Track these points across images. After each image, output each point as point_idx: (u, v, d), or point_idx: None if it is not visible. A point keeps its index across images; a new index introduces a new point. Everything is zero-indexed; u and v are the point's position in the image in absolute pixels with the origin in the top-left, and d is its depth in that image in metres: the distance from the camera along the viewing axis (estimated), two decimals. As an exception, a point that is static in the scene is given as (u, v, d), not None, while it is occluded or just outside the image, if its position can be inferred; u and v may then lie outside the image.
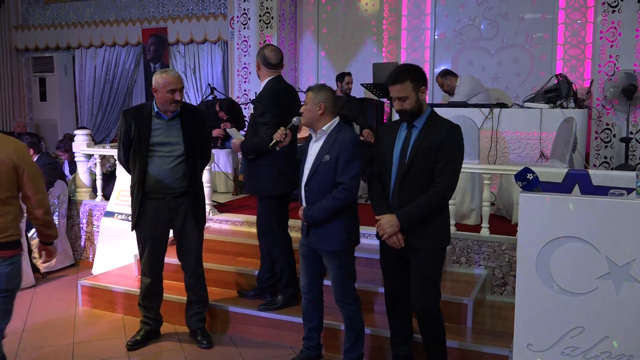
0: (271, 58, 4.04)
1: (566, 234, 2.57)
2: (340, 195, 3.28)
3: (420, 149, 3.07)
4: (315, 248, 3.45)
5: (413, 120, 3.13)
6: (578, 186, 2.89)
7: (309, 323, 3.65)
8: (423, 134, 3.09)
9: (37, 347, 4.03)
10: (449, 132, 3.07)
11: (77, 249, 6.05)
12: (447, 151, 3.03)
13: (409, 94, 3.06)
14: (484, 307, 4.21)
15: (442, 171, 3.04)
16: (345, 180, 3.26)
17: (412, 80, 3.06)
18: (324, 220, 3.33)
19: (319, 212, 3.32)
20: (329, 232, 3.36)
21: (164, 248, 4.01)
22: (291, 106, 3.99)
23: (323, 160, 3.34)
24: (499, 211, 5.16)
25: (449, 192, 3.11)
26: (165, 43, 8.81)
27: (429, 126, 3.10)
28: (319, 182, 3.35)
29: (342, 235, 3.35)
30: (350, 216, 3.38)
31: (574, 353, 2.59)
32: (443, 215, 3.19)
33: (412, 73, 3.09)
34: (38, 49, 9.77)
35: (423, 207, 3.06)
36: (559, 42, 7.01)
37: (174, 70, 3.89)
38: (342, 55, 8.12)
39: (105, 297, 4.65)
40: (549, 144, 5.36)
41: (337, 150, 3.29)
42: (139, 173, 3.81)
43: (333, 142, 3.33)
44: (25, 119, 9.82)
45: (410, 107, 3.08)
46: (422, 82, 3.11)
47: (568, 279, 2.58)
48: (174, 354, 3.91)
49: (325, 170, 3.32)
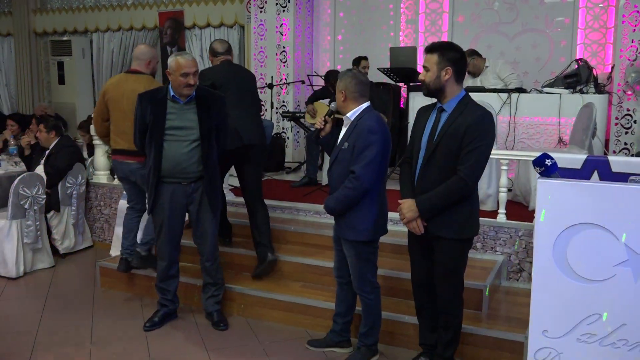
0: (218, 48, 4.56)
1: (584, 220, 2.54)
2: (350, 185, 3.24)
3: (446, 135, 3.00)
4: (339, 235, 3.46)
5: (440, 98, 3.07)
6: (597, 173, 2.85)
7: (337, 307, 3.67)
8: (451, 118, 3.03)
9: (57, 326, 4.10)
10: (475, 118, 2.96)
11: (96, 231, 6.12)
12: (472, 138, 2.94)
13: (431, 66, 3.02)
14: (500, 293, 4.20)
15: (465, 159, 2.96)
16: (356, 168, 3.22)
17: (440, 55, 3.01)
18: (340, 210, 3.33)
19: (334, 202, 3.33)
20: (346, 222, 3.35)
21: (180, 232, 4.04)
22: (230, 83, 4.36)
23: (342, 147, 3.33)
24: (516, 197, 5.12)
25: (471, 181, 2.98)
26: (182, 27, 8.80)
27: (458, 110, 3.02)
28: (339, 169, 3.35)
29: (359, 226, 3.31)
30: (369, 206, 3.30)
31: (590, 340, 2.58)
32: (468, 205, 3.08)
33: (445, 49, 3.04)
34: (56, 32, 9.82)
35: (443, 195, 3.00)
36: (580, 26, 6.88)
37: (189, 54, 3.87)
38: (358, 39, 8.06)
39: (123, 279, 4.72)
40: (568, 129, 5.30)
41: (355, 138, 3.27)
42: (154, 157, 3.82)
43: (353, 129, 3.31)
44: (45, 102, 9.90)
45: (428, 80, 3.03)
46: (450, 64, 3.00)
47: (585, 265, 2.56)
48: (190, 335, 3.96)
49: (344, 158, 3.31)
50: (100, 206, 6.07)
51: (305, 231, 4.74)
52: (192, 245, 4.27)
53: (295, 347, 3.79)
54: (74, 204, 5.73)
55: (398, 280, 4.05)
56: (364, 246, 3.37)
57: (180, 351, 3.74)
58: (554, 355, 2.63)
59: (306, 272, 4.39)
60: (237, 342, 3.86)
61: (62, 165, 5.55)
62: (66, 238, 5.69)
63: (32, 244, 5.22)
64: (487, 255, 4.39)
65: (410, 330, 3.70)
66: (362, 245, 3.36)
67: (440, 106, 3.10)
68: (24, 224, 5.16)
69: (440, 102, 3.10)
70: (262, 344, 3.83)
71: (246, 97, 4.47)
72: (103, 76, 9.52)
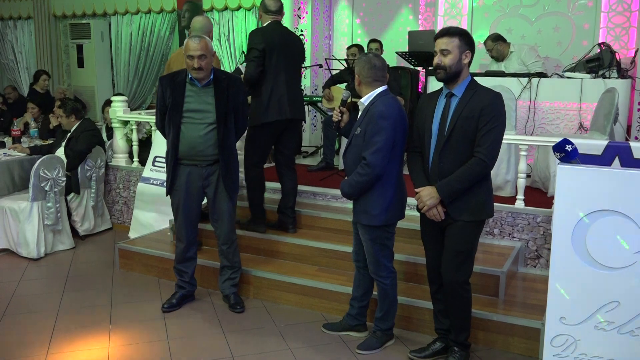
0: (270, 5, 4.44)
1: (604, 207, 2.52)
2: (362, 171, 3.24)
3: (460, 118, 3.01)
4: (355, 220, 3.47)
5: (451, 82, 3.07)
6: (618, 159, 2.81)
7: (353, 291, 3.68)
8: (462, 102, 3.03)
9: (77, 307, 4.18)
10: (489, 100, 3.00)
11: (115, 213, 6.19)
12: (488, 119, 2.96)
13: (453, 49, 3.02)
14: (517, 280, 4.18)
15: (483, 140, 2.97)
16: (367, 155, 3.22)
17: (460, 39, 3.03)
18: (353, 194, 3.35)
19: (347, 187, 3.34)
20: (360, 206, 3.37)
21: (198, 214, 4.06)
22: (281, 48, 4.34)
23: (355, 133, 3.33)
24: (534, 183, 5.07)
25: (490, 161, 3.01)
26: (200, 10, 8.78)
27: (469, 94, 3.04)
28: (352, 154, 3.36)
29: (373, 211, 3.31)
30: (383, 191, 3.29)
31: (608, 327, 2.56)
32: (484, 185, 3.10)
33: (463, 34, 3.07)
34: (75, 15, 9.85)
35: (464, 178, 3.01)
36: (603, 9, 6.73)
37: (199, 37, 3.80)
38: (377, 22, 7.98)
39: (142, 261, 4.77)
40: (589, 115, 5.22)
41: (366, 123, 3.26)
42: (172, 139, 3.85)
43: (365, 114, 3.31)
44: (65, 85, 9.98)
45: (450, 63, 3.01)
46: (469, 47, 3.07)
47: (605, 253, 2.53)
48: (208, 317, 4.01)
49: (357, 143, 3.31)
50: (119, 189, 6.13)
51: (321, 215, 4.75)
52: (210, 228, 4.30)
53: (311, 330, 3.82)
54: (94, 187, 5.80)
55: (414, 265, 4.05)
56: (378, 231, 3.37)
57: (198, 332, 3.79)
58: (571, 342, 2.62)
59: (322, 256, 4.41)
60: (254, 325, 3.89)
61: (81, 148, 5.61)
62: (86, 220, 5.76)
63: (53, 226, 5.30)
64: (505, 242, 4.36)
65: (425, 315, 3.70)
66: (376, 230, 3.36)
67: (448, 91, 3.10)
68: (44, 206, 5.23)
69: (449, 87, 3.10)
70: (278, 327, 3.86)
71: (293, 65, 4.50)
72: (122, 59, 9.55)
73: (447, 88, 3.12)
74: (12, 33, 10.60)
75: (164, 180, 4.79)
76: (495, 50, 6.12)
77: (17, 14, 10.42)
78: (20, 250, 5.19)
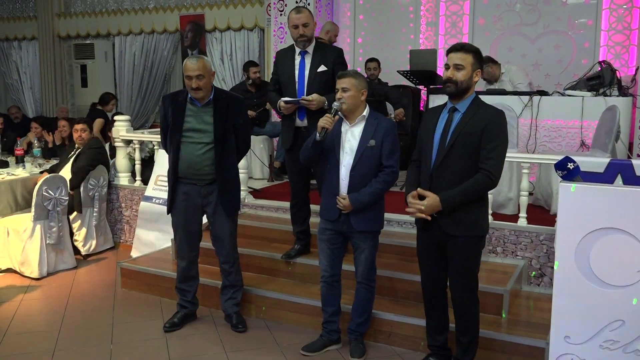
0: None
1: (607, 225, 2.51)
2: (389, 178, 3.44)
3: (461, 134, 3.03)
4: (347, 231, 3.51)
5: (457, 98, 3.10)
6: (620, 176, 2.81)
7: (331, 307, 3.72)
8: (465, 118, 3.06)
9: (78, 326, 4.15)
10: (493, 117, 3.03)
11: (117, 232, 6.19)
12: (492, 137, 2.99)
13: (467, 66, 3.05)
14: (520, 298, 4.16)
15: (489, 157, 3.00)
16: (393, 163, 3.43)
17: (474, 57, 3.08)
18: (372, 203, 3.45)
19: (369, 197, 3.42)
20: (372, 214, 3.49)
21: (199, 233, 4.06)
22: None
23: (368, 145, 3.42)
24: (537, 201, 5.07)
25: (496, 178, 3.04)
26: (203, 30, 8.87)
27: (472, 111, 3.07)
28: (365, 167, 3.43)
29: (380, 217, 3.56)
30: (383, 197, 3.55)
31: (613, 347, 2.54)
32: (482, 202, 3.15)
33: (478, 52, 3.12)
34: (79, 36, 9.96)
35: (468, 192, 3.03)
36: (603, 28, 6.78)
37: (197, 57, 3.82)
38: (378, 42, 8.04)
39: (144, 280, 4.76)
40: (591, 133, 5.23)
41: (382, 134, 3.42)
42: (172, 158, 3.87)
43: (375, 127, 3.43)
44: (68, 105, 10.05)
45: (462, 78, 3.04)
46: (480, 67, 3.12)
47: (608, 271, 2.52)
48: (210, 336, 3.98)
49: (371, 155, 3.43)
50: (121, 208, 6.13)
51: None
52: (211, 246, 4.29)
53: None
54: (96, 206, 5.80)
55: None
56: (378, 235, 3.61)
57: (200, 352, 3.76)
58: (575, 361, 2.60)
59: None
60: (256, 344, 3.87)
61: (84, 164, 5.63)
62: (88, 239, 5.76)
63: (55, 245, 5.30)
64: (508, 260, 4.34)
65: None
66: (377, 234, 3.60)
67: (452, 106, 3.13)
68: (47, 225, 5.23)
69: (453, 102, 3.13)
70: (280, 346, 3.83)
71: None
72: (125, 79, 9.63)
73: (451, 102, 3.15)
74: (16, 53, 10.72)
75: (166, 199, 4.79)
76: (486, 73, 6.01)
77: (22, 34, 10.55)
78: (23, 270, 5.18)
